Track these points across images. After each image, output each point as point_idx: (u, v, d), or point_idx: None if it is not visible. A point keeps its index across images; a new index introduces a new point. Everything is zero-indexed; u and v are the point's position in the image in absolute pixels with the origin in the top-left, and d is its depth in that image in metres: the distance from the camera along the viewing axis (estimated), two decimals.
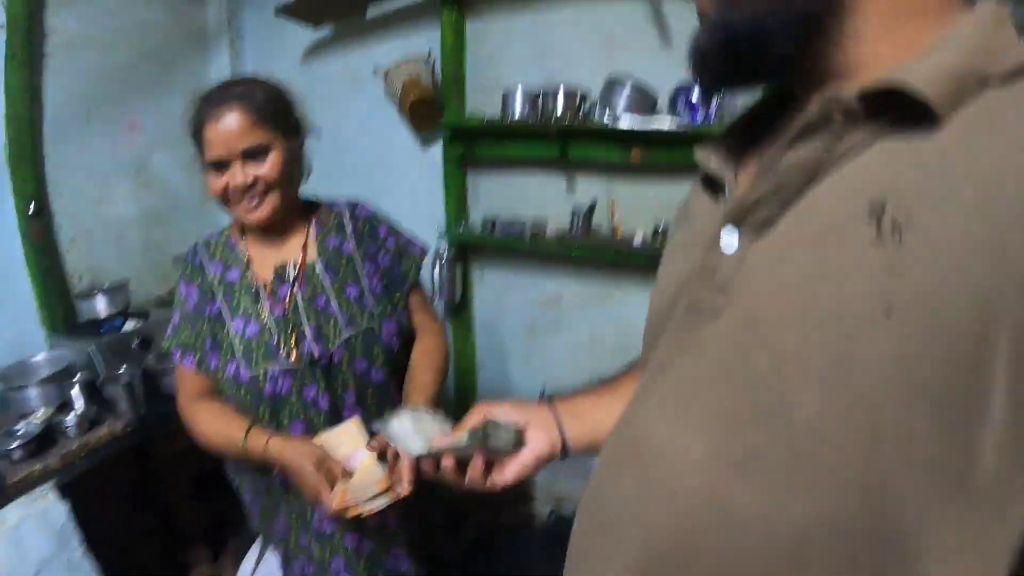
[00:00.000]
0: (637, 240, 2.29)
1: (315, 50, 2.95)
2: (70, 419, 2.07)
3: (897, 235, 0.49)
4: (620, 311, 2.49)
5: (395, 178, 2.87)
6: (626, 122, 2.10)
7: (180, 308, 1.53)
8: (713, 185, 0.71)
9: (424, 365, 1.60)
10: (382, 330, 1.51)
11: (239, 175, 1.37)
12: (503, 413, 1.02)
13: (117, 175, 2.82)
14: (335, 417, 1.47)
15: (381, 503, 1.31)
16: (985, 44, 0.52)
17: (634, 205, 2.35)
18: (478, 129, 2.49)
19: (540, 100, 2.25)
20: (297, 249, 1.51)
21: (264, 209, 1.42)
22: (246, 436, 1.41)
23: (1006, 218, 0.46)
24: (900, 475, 0.49)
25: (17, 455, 1.92)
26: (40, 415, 2.08)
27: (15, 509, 1.85)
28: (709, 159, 0.71)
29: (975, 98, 0.51)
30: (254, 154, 1.37)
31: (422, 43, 2.55)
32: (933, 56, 0.52)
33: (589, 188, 2.39)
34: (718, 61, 0.62)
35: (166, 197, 3.01)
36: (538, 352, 2.75)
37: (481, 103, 2.54)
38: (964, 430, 0.47)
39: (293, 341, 1.44)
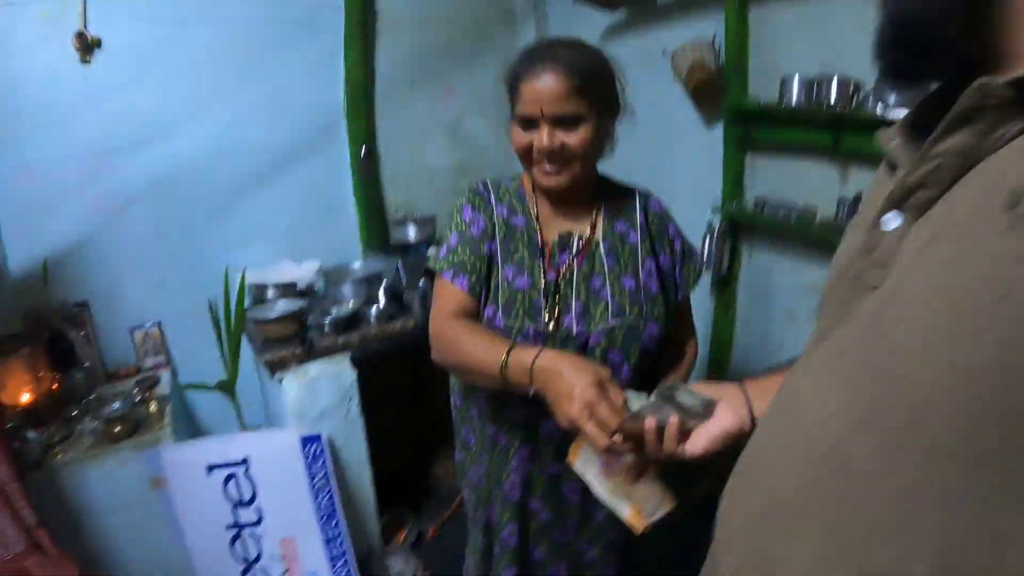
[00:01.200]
0: None
1: (611, 32, 3.17)
2: (373, 311, 2.63)
3: None
4: None
5: (678, 153, 2.99)
6: (900, 114, 1.93)
7: (460, 232, 1.45)
8: (894, 168, 0.71)
9: (670, 369, 1.53)
10: (645, 329, 1.40)
11: (546, 138, 1.30)
12: (696, 388, 1.08)
13: (433, 130, 3.40)
14: None
15: (661, 515, 1.20)
16: None
17: None
18: (755, 112, 2.52)
19: (815, 88, 2.22)
20: (584, 223, 1.45)
21: (562, 177, 1.35)
22: (510, 351, 1.26)
23: None
24: (1002, 452, 0.50)
25: (327, 329, 2.52)
26: (350, 305, 2.67)
27: (316, 366, 2.45)
28: (890, 142, 0.72)
29: None
30: (566, 121, 1.31)
31: (708, 28, 2.64)
32: None
33: (860, 180, 2.30)
34: (893, 53, 0.65)
35: (474, 152, 3.52)
36: (795, 338, 2.64)
37: (762, 87, 2.54)
38: None
39: (557, 310, 1.39)
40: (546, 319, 1.38)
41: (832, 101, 2.16)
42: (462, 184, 3.43)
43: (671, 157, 3.00)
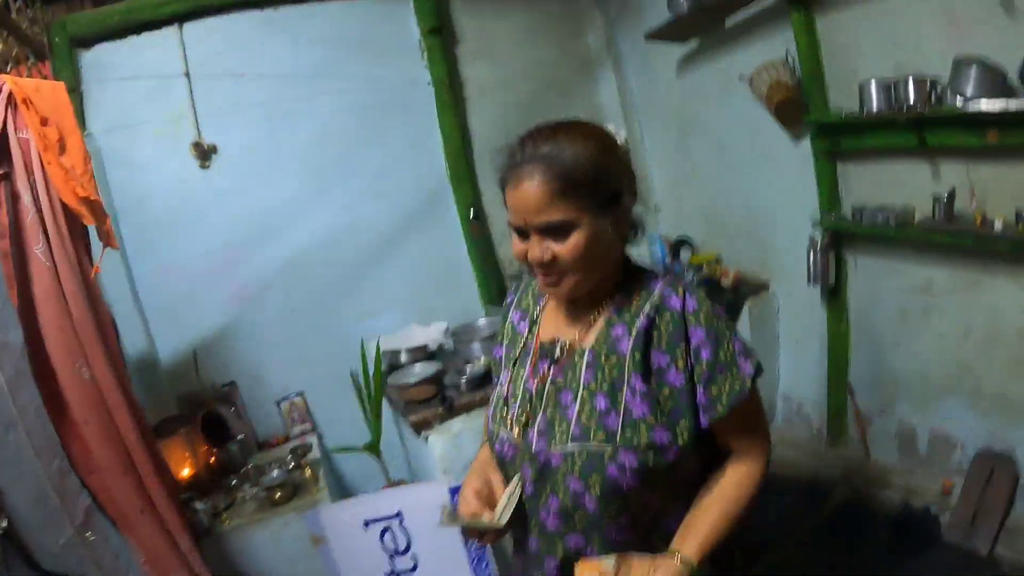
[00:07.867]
0: (998, 225, 2.11)
1: (686, 62, 3.28)
2: None
3: None
4: (989, 298, 2.34)
5: (770, 174, 3.03)
6: (978, 106, 1.96)
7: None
8: None
9: (715, 502, 1.22)
10: (614, 460, 1.14)
11: (536, 250, 1.13)
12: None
13: None
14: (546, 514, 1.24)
15: None
16: None
17: (996, 190, 2.20)
18: (839, 123, 2.55)
19: (893, 90, 2.25)
20: (580, 326, 1.26)
21: (561, 288, 1.17)
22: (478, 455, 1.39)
23: None
24: None
25: (463, 387, 2.65)
26: (480, 362, 2.78)
27: (458, 422, 2.55)
28: None
29: None
30: (553, 231, 1.12)
31: (779, 45, 2.70)
32: None
33: (951, 174, 2.30)
34: None
35: None
36: (909, 338, 2.66)
37: (843, 96, 2.57)
38: None
39: (525, 419, 1.24)
40: (511, 429, 1.27)
41: (912, 101, 2.19)
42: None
43: (764, 178, 3.07)
